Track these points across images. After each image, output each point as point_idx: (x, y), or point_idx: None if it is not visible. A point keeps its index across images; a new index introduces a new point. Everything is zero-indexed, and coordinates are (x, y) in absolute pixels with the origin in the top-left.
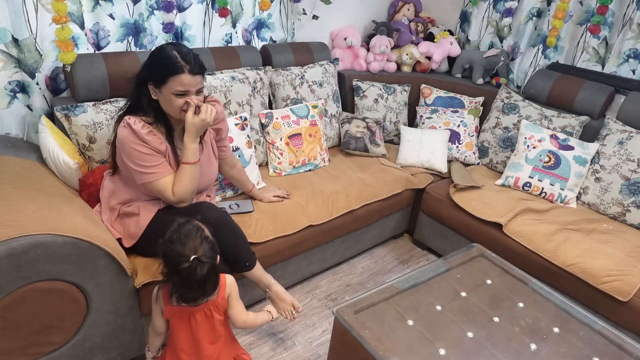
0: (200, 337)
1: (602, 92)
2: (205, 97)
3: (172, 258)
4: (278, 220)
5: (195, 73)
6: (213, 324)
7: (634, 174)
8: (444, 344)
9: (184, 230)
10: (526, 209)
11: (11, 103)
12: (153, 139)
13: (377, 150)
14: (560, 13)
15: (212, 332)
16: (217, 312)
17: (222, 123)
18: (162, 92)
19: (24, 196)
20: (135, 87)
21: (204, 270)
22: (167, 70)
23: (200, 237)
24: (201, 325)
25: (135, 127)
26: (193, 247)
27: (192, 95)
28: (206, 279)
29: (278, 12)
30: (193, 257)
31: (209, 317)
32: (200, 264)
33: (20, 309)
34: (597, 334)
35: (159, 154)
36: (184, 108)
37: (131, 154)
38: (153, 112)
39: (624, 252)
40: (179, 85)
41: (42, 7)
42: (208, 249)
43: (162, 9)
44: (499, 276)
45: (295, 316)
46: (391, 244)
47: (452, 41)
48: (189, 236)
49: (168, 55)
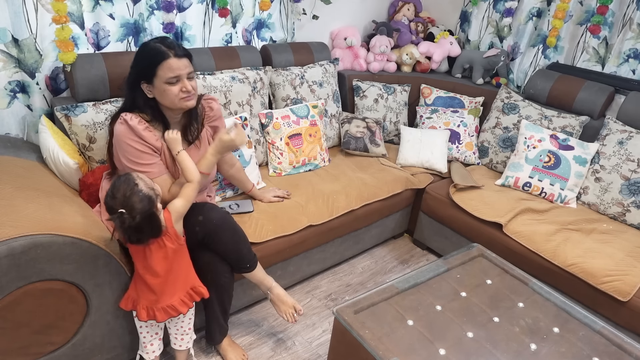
0: (154, 266)
1: (602, 92)
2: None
3: (107, 210)
4: (278, 220)
5: (180, 56)
6: (166, 252)
7: (634, 174)
8: (444, 344)
9: (116, 184)
10: (526, 209)
11: (11, 103)
12: (149, 135)
13: (377, 150)
14: (560, 13)
15: (165, 260)
16: (170, 241)
17: (219, 121)
18: (155, 86)
19: (24, 196)
20: (129, 91)
21: (134, 222)
22: (154, 60)
23: (130, 191)
24: (155, 254)
25: (132, 122)
26: (121, 201)
27: (185, 80)
28: (141, 228)
29: (278, 12)
30: (119, 211)
31: (162, 247)
32: (128, 218)
33: (20, 309)
34: (597, 334)
35: (154, 153)
36: (181, 96)
37: (127, 150)
38: (150, 111)
39: (624, 252)
40: (169, 71)
41: (42, 7)
42: (138, 202)
43: (162, 9)
44: (499, 276)
45: (296, 319)
46: (391, 244)
47: (452, 41)
48: (119, 190)
49: (151, 48)
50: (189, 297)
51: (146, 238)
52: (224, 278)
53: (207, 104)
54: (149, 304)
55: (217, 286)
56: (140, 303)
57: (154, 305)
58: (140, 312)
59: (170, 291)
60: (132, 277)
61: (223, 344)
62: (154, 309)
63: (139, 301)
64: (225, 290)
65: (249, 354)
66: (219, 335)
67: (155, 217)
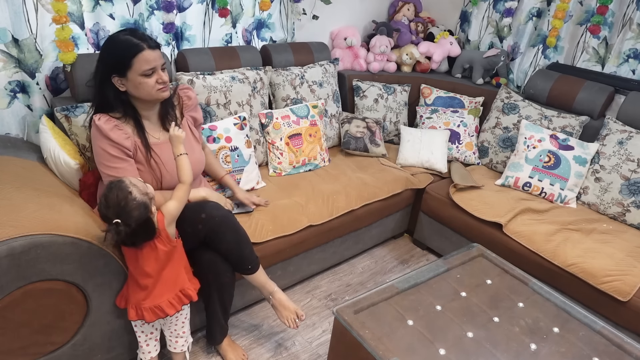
0: (145, 267)
1: (602, 92)
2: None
3: (101, 218)
4: (278, 220)
5: (153, 47)
6: (157, 254)
7: (634, 174)
8: (444, 344)
9: (109, 193)
10: (526, 209)
11: (11, 103)
12: (117, 134)
13: (377, 150)
14: (560, 13)
15: (156, 262)
16: (162, 243)
17: (194, 110)
18: (129, 79)
19: (24, 196)
20: (98, 85)
21: (129, 229)
22: (129, 53)
23: (124, 200)
24: (146, 256)
25: (99, 122)
26: (115, 211)
27: (160, 71)
28: (136, 234)
29: (278, 12)
30: (115, 222)
31: (154, 249)
32: (124, 227)
33: (20, 309)
34: (597, 334)
35: (125, 156)
36: (158, 87)
37: (97, 152)
38: (121, 105)
39: (624, 252)
40: (145, 63)
41: (42, 7)
42: (133, 210)
43: (162, 9)
44: (499, 276)
45: (298, 324)
46: (391, 244)
47: (452, 41)
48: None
49: (122, 40)
50: (178, 299)
51: (140, 242)
52: (225, 277)
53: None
54: (137, 303)
55: (218, 285)
56: (130, 302)
57: (142, 305)
58: (130, 311)
59: (158, 292)
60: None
61: (223, 344)
62: (141, 309)
63: (129, 300)
64: (226, 289)
65: (248, 354)
66: (220, 335)
67: (150, 222)
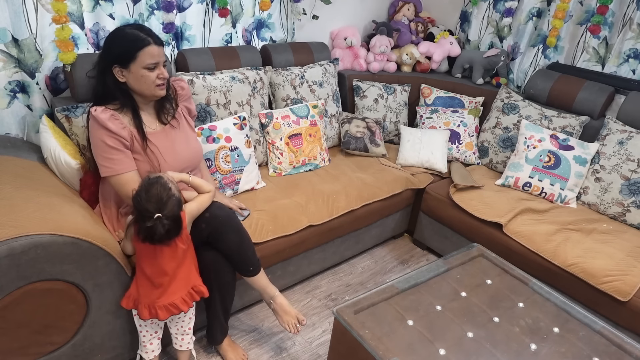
0: (164, 265)
1: (602, 92)
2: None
3: (139, 211)
4: (278, 220)
5: (159, 44)
6: (176, 252)
7: (634, 174)
8: (444, 344)
9: (150, 187)
10: (526, 209)
11: (11, 103)
12: (115, 124)
13: (377, 150)
14: (560, 13)
15: (174, 260)
16: (181, 242)
17: (188, 101)
18: (131, 71)
19: (24, 196)
20: (99, 74)
21: (167, 226)
22: (135, 46)
23: (166, 195)
24: (165, 253)
25: (96, 113)
26: (157, 206)
27: (162, 67)
28: (170, 230)
29: (278, 12)
30: (157, 216)
31: (174, 247)
32: (164, 222)
33: (20, 309)
34: (597, 334)
35: (123, 148)
36: (157, 83)
37: (95, 144)
38: (121, 95)
39: (624, 252)
40: (150, 57)
41: (42, 7)
42: (174, 205)
43: (162, 9)
44: (499, 276)
45: (299, 329)
46: (391, 244)
47: (452, 41)
48: (155, 194)
49: (129, 33)
50: (190, 296)
51: (172, 237)
52: (227, 277)
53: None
54: (150, 302)
55: (220, 285)
56: (142, 302)
57: (156, 303)
58: (142, 311)
59: (173, 290)
60: (134, 276)
61: (223, 344)
62: (155, 307)
63: (140, 300)
64: (227, 289)
65: (248, 354)
66: (220, 334)
67: (181, 219)
